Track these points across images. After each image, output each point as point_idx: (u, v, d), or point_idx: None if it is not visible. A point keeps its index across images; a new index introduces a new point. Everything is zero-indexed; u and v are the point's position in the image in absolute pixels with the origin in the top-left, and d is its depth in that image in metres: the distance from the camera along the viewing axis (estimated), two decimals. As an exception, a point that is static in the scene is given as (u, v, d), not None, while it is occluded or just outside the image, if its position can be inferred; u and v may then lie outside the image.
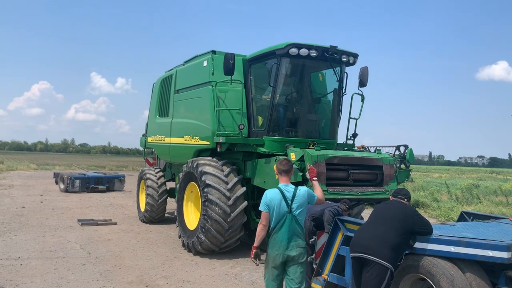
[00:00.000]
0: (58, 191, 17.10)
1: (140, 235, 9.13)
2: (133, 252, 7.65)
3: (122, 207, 13.15)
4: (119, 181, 17.93)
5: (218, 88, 8.18)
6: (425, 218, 4.31)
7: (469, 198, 15.07)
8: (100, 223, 10.02)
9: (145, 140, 11.95)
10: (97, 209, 12.53)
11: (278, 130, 7.90)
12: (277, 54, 7.59)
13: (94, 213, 11.80)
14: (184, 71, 9.84)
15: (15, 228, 9.30)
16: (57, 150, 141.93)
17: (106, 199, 14.96)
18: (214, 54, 8.63)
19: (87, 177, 17.12)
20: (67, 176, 16.90)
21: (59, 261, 6.84)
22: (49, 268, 6.42)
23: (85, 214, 11.54)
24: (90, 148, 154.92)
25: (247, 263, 7.22)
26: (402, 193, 4.53)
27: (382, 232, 4.06)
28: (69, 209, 12.38)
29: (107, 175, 18.11)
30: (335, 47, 7.69)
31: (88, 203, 13.80)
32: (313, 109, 8.52)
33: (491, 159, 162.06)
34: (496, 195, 16.63)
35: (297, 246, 4.34)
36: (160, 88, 11.00)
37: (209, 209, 7.36)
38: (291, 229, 4.33)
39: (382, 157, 7.50)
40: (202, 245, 7.52)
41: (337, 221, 4.90)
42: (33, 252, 7.29)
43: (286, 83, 7.97)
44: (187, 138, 9.12)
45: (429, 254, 4.01)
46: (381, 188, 7.34)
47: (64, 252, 7.43)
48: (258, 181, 7.78)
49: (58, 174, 18.10)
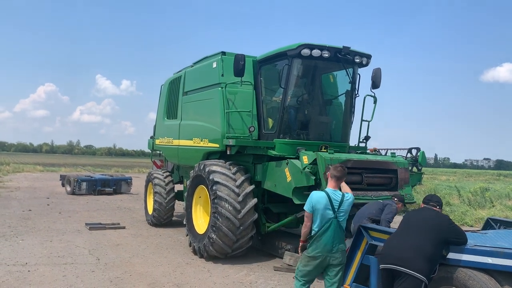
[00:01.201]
0: (64, 193, 17.00)
1: (150, 240, 8.95)
2: (143, 258, 7.47)
3: (130, 210, 13.01)
4: (126, 183, 17.80)
5: (228, 90, 8.04)
6: (459, 227, 4.09)
7: (481, 202, 14.79)
8: (108, 227, 9.87)
9: (153, 142, 11.84)
10: (105, 212, 12.39)
11: (289, 132, 7.73)
12: (289, 55, 7.44)
13: (101, 216, 11.65)
14: (193, 72, 9.71)
15: (22, 232, 9.18)
16: (63, 151, 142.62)
17: (113, 202, 14.81)
18: (223, 55, 8.50)
19: (93, 180, 17.01)
20: (74, 178, 16.80)
21: (68, 267, 6.68)
22: (58, 275, 6.25)
23: (93, 217, 11.39)
24: (95, 150, 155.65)
25: (262, 270, 7.03)
26: (434, 200, 4.33)
27: (416, 242, 3.84)
28: (76, 212, 12.25)
29: (114, 177, 17.97)
30: (348, 48, 7.52)
31: (95, 206, 13.67)
32: (325, 111, 8.35)
33: (497, 162, 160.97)
34: (509, 198, 16.34)
35: (340, 250, 4.56)
36: (168, 90, 10.88)
37: (219, 206, 7.19)
38: (336, 234, 4.54)
39: (397, 160, 7.33)
40: (214, 245, 7.30)
41: (361, 228, 4.70)
42: (41, 258, 7.13)
43: (297, 85, 7.81)
44: (196, 140, 8.98)
45: (464, 266, 3.79)
46: (396, 193, 7.16)
47: (73, 257, 7.26)
48: (268, 185, 7.61)
49: (64, 176, 18.00)
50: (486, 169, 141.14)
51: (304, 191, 6.74)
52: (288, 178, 7.00)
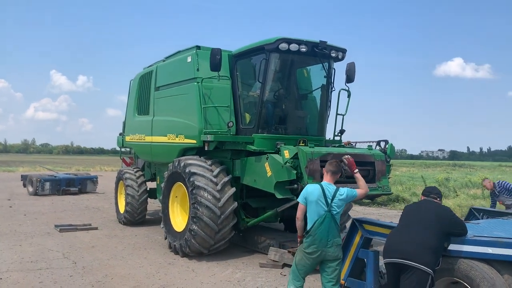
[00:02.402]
0: (26, 194, 16.23)
1: (126, 240, 8.65)
2: (123, 259, 7.19)
3: (99, 210, 12.59)
4: (91, 182, 17.22)
5: (204, 85, 7.91)
6: (460, 219, 4.15)
7: (445, 191, 15.38)
8: (80, 229, 9.49)
9: (122, 139, 11.50)
10: (73, 213, 11.91)
11: (267, 127, 7.71)
12: (266, 49, 7.40)
13: (70, 217, 11.20)
14: (165, 67, 9.48)
15: (-14, 237, 8.65)
16: (17, 151, 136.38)
17: (80, 202, 14.29)
18: (198, 50, 8.36)
19: (58, 179, 16.33)
20: (36, 178, 16.07)
21: (43, 272, 6.32)
22: (33, 281, 5.89)
23: (61, 218, 10.92)
24: (52, 148, 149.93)
25: (247, 267, 6.94)
26: (434, 192, 4.36)
27: (420, 235, 3.85)
28: (42, 213, 11.72)
29: (79, 176, 17.36)
30: (325, 42, 7.57)
31: (61, 206, 13.13)
32: (302, 105, 8.40)
33: (451, 152, 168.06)
34: (468, 188, 17.09)
35: (336, 244, 4.55)
36: (138, 85, 10.59)
37: (199, 211, 7.09)
38: (331, 228, 4.55)
39: (374, 153, 7.44)
40: (191, 247, 7.24)
41: (355, 221, 4.73)
42: (12, 264, 6.73)
43: (275, 79, 7.79)
44: (170, 136, 8.79)
45: (465, 256, 3.85)
46: (374, 185, 7.26)
47: (47, 262, 6.89)
48: (248, 180, 7.57)
49: (26, 176, 17.19)
50: (441, 159, 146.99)
51: (286, 185, 6.76)
52: (268, 173, 6.99)
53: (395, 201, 13.77)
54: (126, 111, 11.34)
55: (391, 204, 13.87)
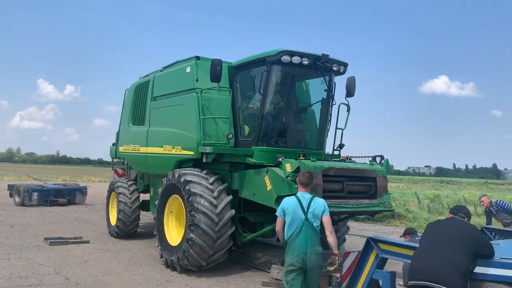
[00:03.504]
0: (12, 204, 15.75)
1: (120, 255, 8.31)
2: (118, 275, 6.87)
3: (89, 223, 12.21)
4: (80, 193, 16.83)
5: (203, 96, 7.78)
6: (487, 239, 4.01)
7: (439, 208, 15.35)
8: (71, 242, 9.12)
9: (115, 149, 11.26)
10: (62, 225, 11.52)
11: (267, 140, 7.59)
12: (268, 61, 7.32)
13: (59, 229, 10.82)
14: (163, 77, 9.34)
15: (-29, 250, 8.24)
16: (1, 159, 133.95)
17: (69, 214, 13.88)
18: (198, 60, 8.24)
19: (46, 190, 15.92)
20: (24, 188, 15.64)
21: None
22: (24, 298, 5.56)
23: (50, 231, 10.54)
24: (37, 157, 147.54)
25: (249, 286, 6.69)
26: (463, 211, 4.20)
27: (449, 256, 3.67)
28: (30, 225, 11.31)
29: (67, 187, 16.95)
30: (327, 56, 7.53)
31: (50, 218, 12.72)
32: (302, 118, 8.30)
33: (438, 169, 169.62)
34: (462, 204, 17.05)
35: (315, 252, 4.62)
36: (134, 95, 10.41)
37: (196, 218, 6.87)
38: (308, 236, 4.63)
39: (376, 168, 7.37)
40: (189, 259, 6.97)
41: (370, 240, 4.54)
42: (0, 280, 6.36)
43: (276, 92, 7.69)
44: (167, 148, 8.60)
45: (491, 280, 3.70)
46: (375, 200, 7.19)
47: (38, 278, 6.52)
48: (246, 193, 7.41)
49: (13, 186, 16.70)
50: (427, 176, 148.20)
51: (287, 200, 6.61)
52: (268, 186, 6.85)
53: (390, 218, 13.67)
54: (120, 121, 11.13)
55: (387, 220, 13.77)
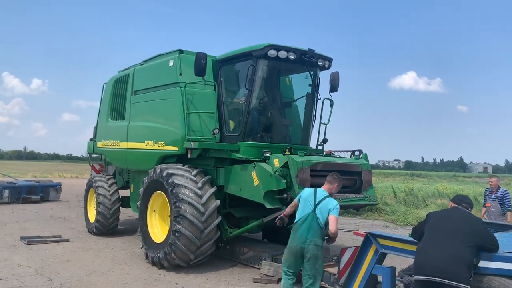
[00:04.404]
0: (-19, 202, 15.13)
1: (103, 253, 8.06)
2: (103, 275, 6.64)
3: (66, 220, 11.83)
4: (54, 190, 16.29)
5: (187, 90, 7.65)
6: (492, 233, 3.98)
7: (415, 201, 15.68)
8: (50, 241, 8.77)
9: (93, 145, 10.96)
10: (38, 223, 11.11)
11: (253, 135, 7.54)
12: (254, 56, 7.26)
13: (35, 228, 10.43)
14: (144, 70, 9.13)
15: None
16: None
17: (43, 211, 13.38)
18: (181, 54, 8.08)
19: (18, 186, 15.34)
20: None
21: None
22: (7, 302, 5.26)
23: (26, 229, 10.14)
24: (3, 153, 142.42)
25: (240, 283, 6.56)
26: (466, 201, 4.17)
27: (455, 249, 3.65)
28: (4, 224, 10.86)
29: (41, 183, 16.38)
30: (313, 51, 7.53)
31: (24, 216, 12.25)
32: (288, 113, 8.28)
33: (407, 162, 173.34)
34: (435, 197, 17.53)
35: (315, 243, 4.98)
36: (113, 89, 10.14)
37: (181, 209, 6.77)
38: (311, 227, 5.04)
39: (361, 163, 7.44)
40: (176, 252, 6.86)
41: (369, 235, 4.51)
42: (-21, 282, 6.04)
43: (262, 86, 7.63)
44: (149, 143, 8.42)
45: (495, 274, 3.67)
46: (361, 194, 7.26)
47: (19, 279, 6.22)
48: (232, 189, 7.35)
49: (-18, 183, 16.05)
50: (397, 169, 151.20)
51: (275, 195, 6.59)
52: (255, 181, 6.81)
53: (369, 211, 13.88)
54: (98, 116, 10.84)
55: (365, 214, 13.98)
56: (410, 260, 4.32)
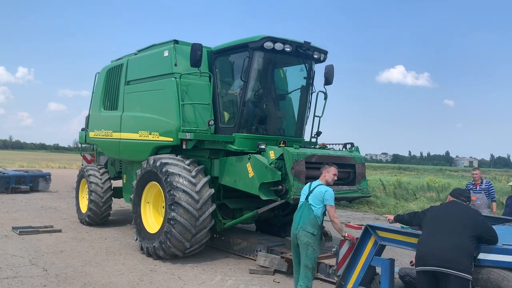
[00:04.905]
0: (-31, 192, 14.94)
1: (96, 244, 8.01)
2: (99, 266, 6.58)
3: (57, 210, 11.74)
4: (44, 180, 16.13)
5: (182, 81, 7.62)
6: (490, 225, 4.04)
7: (405, 194, 15.87)
8: (42, 231, 8.70)
9: (85, 135, 10.87)
10: (29, 214, 11.00)
11: (248, 126, 7.55)
12: (250, 47, 7.25)
13: (26, 218, 10.32)
14: (138, 60, 9.05)
15: None
16: None
17: (34, 201, 13.27)
18: (176, 44, 8.04)
19: (6, 176, 15.14)
20: (-18, 175, 14.85)
21: (12, 282, 5.61)
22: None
23: (16, 219, 10.03)
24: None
25: (236, 274, 6.55)
26: (464, 195, 4.24)
27: (456, 240, 3.71)
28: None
29: (30, 173, 16.20)
30: (309, 43, 7.54)
31: (14, 206, 12.12)
32: (283, 106, 8.31)
33: (394, 156, 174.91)
34: (424, 191, 17.75)
35: (304, 229, 5.13)
36: (106, 79, 10.04)
37: (176, 213, 6.78)
38: (303, 215, 5.22)
39: (355, 155, 7.51)
40: (171, 240, 6.87)
41: (368, 227, 4.55)
42: (-28, 273, 5.92)
43: (257, 78, 7.63)
44: (142, 133, 8.39)
45: (495, 266, 3.73)
46: (354, 187, 7.34)
47: (13, 270, 6.14)
48: (227, 180, 7.37)
49: (-30, 173, 15.82)
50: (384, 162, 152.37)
51: (270, 186, 6.63)
52: (250, 173, 6.84)
53: (360, 203, 14.02)
54: (90, 106, 10.74)
55: (356, 206, 14.11)
56: (404, 252, 4.36)
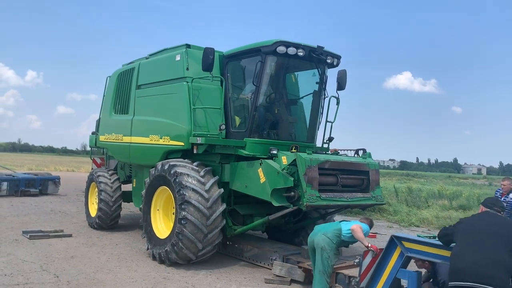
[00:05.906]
0: (-21, 195, 14.93)
1: (108, 250, 7.88)
2: (111, 273, 6.44)
3: (67, 214, 11.66)
4: (53, 183, 16.11)
5: (193, 85, 7.57)
6: None
7: (417, 201, 15.59)
8: (52, 236, 8.61)
9: (95, 138, 10.86)
10: (38, 217, 10.92)
11: (259, 131, 7.47)
12: (263, 52, 7.19)
13: (36, 222, 10.24)
14: (150, 64, 9.04)
15: None
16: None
17: (43, 205, 13.20)
18: (188, 48, 8.01)
19: (16, 179, 15.16)
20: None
21: None
22: (14, 300, 5.07)
23: (26, 223, 9.96)
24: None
25: (252, 283, 6.41)
26: (498, 205, 4.04)
27: (494, 254, 3.51)
28: (4, 217, 10.65)
29: (39, 176, 16.20)
30: (322, 48, 7.46)
31: (23, 210, 12.06)
32: (294, 111, 8.22)
33: (402, 162, 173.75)
34: (436, 198, 17.46)
35: (324, 234, 5.58)
36: (117, 83, 10.04)
37: (187, 212, 6.68)
38: (328, 225, 5.93)
39: (368, 162, 7.38)
40: (178, 253, 6.81)
41: (394, 238, 4.38)
42: (-17, 278, 5.80)
43: (270, 83, 7.56)
44: (153, 138, 8.34)
45: None
46: (368, 194, 7.22)
47: (24, 276, 6.01)
48: (238, 186, 7.28)
49: (-20, 175, 15.87)
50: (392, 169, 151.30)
51: (282, 192, 6.53)
52: (262, 179, 6.75)
53: (371, 211, 13.78)
54: (101, 109, 10.74)
55: (368, 214, 13.75)
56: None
